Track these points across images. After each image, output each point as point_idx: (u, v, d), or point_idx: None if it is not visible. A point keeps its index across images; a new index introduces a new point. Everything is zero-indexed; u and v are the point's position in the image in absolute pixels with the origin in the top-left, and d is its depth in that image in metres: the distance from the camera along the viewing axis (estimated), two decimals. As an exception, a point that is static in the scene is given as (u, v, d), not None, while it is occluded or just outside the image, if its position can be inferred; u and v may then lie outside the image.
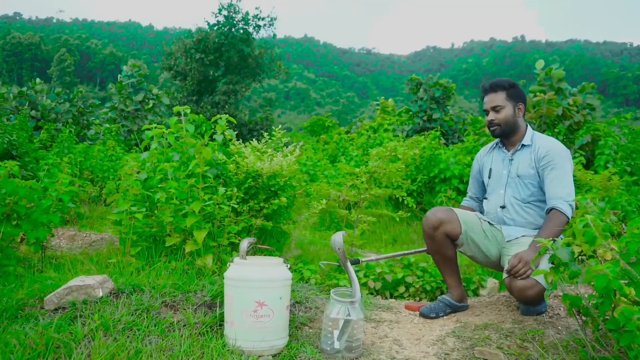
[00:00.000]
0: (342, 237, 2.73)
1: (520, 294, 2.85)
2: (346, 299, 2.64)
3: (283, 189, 4.49)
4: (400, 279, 4.25)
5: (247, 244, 2.79)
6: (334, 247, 2.74)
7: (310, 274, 4.13)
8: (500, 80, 3.34)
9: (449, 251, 3.29)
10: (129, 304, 2.77)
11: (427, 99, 14.48)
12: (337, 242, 2.72)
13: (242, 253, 2.73)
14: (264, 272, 2.61)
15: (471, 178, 3.64)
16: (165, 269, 3.42)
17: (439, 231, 3.21)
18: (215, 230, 3.81)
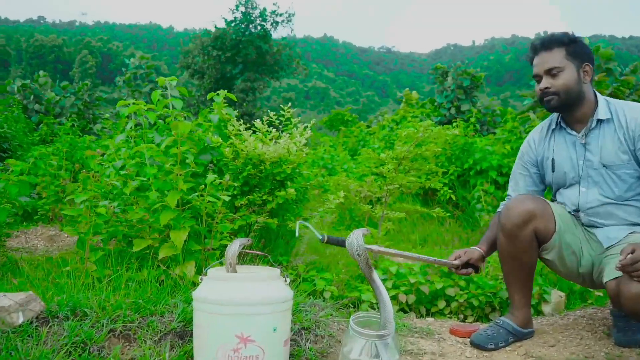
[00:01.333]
0: (362, 236, 1.84)
1: (635, 304, 1.94)
2: (373, 332, 1.76)
3: (291, 178, 3.62)
4: (439, 290, 3.35)
5: (239, 245, 1.93)
6: (351, 251, 1.85)
7: (325, 285, 3.25)
8: (557, 34, 2.41)
9: (532, 257, 2.38)
10: (60, 334, 1.93)
11: (454, 88, 13.49)
12: (356, 244, 1.82)
13: (230, 259, 1.87)
14: (251, 291, 1.75)
15: (516, 173, 2.68)
16: (132, 280, 2.57)
17: (527, 228, 2.30)
18: (203, 229, 2.96)
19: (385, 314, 1.80)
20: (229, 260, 1.89)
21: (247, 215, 3.42)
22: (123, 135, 3.56)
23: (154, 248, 2.81)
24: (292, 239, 3.81)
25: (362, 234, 1.83)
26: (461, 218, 6.54)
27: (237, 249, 1.90)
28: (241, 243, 1.91)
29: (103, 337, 1.97)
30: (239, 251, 1.92)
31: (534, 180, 2.63)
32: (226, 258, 1.90)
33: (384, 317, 1.80)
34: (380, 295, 1.82)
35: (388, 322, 1.79)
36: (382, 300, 1.81)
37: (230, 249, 1.90)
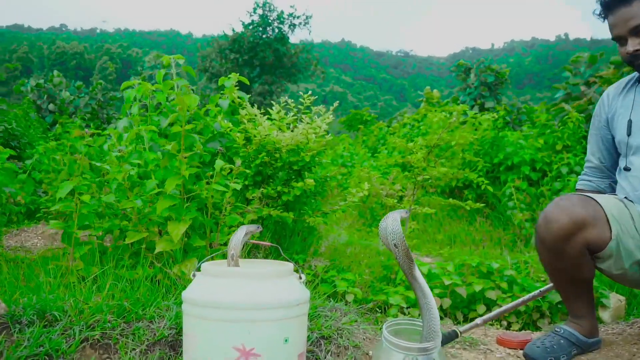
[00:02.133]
0: (399, 220, 1.43)
1: None
2: (414, 345, 1.35)
3: (309, 168, 3.22)
4: (478, 293, 2.92)
5: (245, 233, 1.55)
6: (386, 240, 1.43)
7: (347, 287, 2.84)
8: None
9: (585, 272, 1.94)
10: (21, 343, 1.55)
11: (477, 85, 12.99)
12: (392, 231, 1.41)
13: (232, 249, 1.49)
14: (255, 290, 1.35)
15: (592, 137, 2.26)
16: (122, 280, 2.19)
17: (575, 241, 1.84)
18: (209, 221, 2.58)
19: (429, 321, 1.39)
20: (231, 251, 1.50)
21: (259, 209, 3.03)
22: (126, 120, 3.21)
23: (150, 242, 2.43)
24: (309, 236, 3.41)
25: (400, 216, 1.42)
26: (491, 216, 6.07)
27: (242, 237, 1.51)
28: (248, 230, 1.52)
29: (74, 347, 1.59)
30: (245, 240, 1.53)
31: (607, 146, 2.20)
32: (228, 248, 1.51)
33: (427, 325, 1.39)
34: (423, 297, 1.41)
35: (433, 332, 1.38)
36: (426, 304, 1.40)
37: (233, 237, 1.52)
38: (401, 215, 1.42)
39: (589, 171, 2.29)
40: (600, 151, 2.22)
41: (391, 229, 1.39)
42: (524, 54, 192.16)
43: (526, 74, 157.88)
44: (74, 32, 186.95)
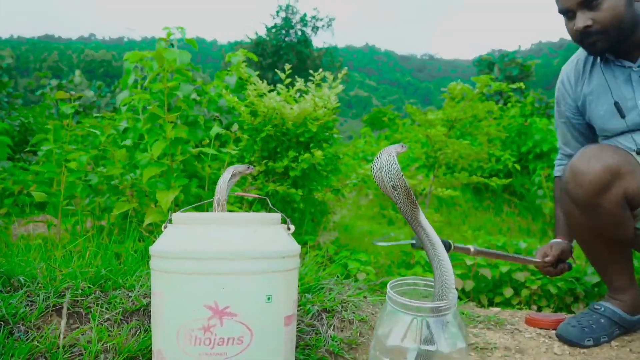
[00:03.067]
0: (394, 155, 1.18)
1: None
2: (424, 303, 1.11)
3: (317, 140, 3.00)
4: (504, 275, 2.65)
5: (232, 174, 1.34)
6: (382, 181, 1.18)
7: (359, 267, 2.60)
8: None
9: (626, 231, 1.65)
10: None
11: (502, 79, 12.61)
12: (388, 168, 1.14)
13: (219, 194, 1.28)
14: (231, 237, 1.13)
15: (560, 126, 1.98)
16: (111, 252, 2.00)
17: (612, 192, 1.57)
18: (206, 194, 2.37)
19: (441, 276, 1.14)
20: (217, 196, 1.29)
21: (264, 184, 2.82)
22: (126, 92, 3.04)
23: (142, 215, 2.24)
24: (320, 216, 3.18)
25: (396, 152, 1.18)
26: (519, 206, 5.75)
27: (229, 179, 1.30)
28: (236, 171, 1.31)
29: (37, 314, 1.40)
30: (233, 182, 1.32)
31: (581, 131, 1.93)
32: (216, 192, 1.31)
33: (439, 281, 1.15)
34: (432, 248, 1.17)
35: (446, 288, 1.14)
36: (435, 256, 1.16)
37: (221, 178, 1.30)
38: (397, 150, 1.18)
39: (565, 157, 2.02)
40: (575, 138, 1.94)
41: (387, 167, 1.15)
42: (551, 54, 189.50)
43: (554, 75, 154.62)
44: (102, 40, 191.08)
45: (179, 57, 2.29)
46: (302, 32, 34.16)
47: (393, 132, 13.92)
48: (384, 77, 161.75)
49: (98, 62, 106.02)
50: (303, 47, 33.49)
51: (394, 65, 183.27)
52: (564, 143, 2.00)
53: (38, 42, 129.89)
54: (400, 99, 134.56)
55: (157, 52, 2.22)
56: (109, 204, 2.63)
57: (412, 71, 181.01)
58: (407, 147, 1.22)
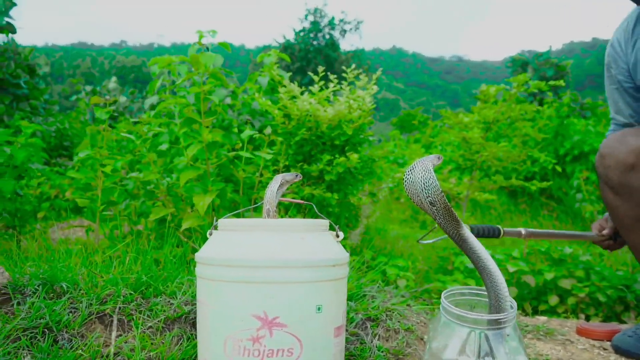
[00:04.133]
0: (431, 168, 1.11)
1: None
2: (482, 315, 1.06)
3: (353, 145, 2.95)
4: (549, 282, 2.55)
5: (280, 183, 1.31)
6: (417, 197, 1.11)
7: (398, 273, 2.54)
8: None
9: None
10: (20, 312, 1.35)
11: (536, 79, 12.35)
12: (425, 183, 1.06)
13: (268, 204, 1.25)
14: (279, 245, 1.09)
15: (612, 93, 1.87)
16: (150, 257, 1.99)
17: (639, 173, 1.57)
18: (242, 199, 2.35)
19: (493, 288, 1.08)
20: (267, 206, 1.26)
21: (300, 189, 2.78)
22: (155, 97, 3.05)
23: (179, 220, 2.23)
24: (355, 221, 3.13)
25: (432, 164, 1.12)
26: (557, 209, 5.60)
27: (277, 188, 1.27)
28: (284, 180, 1.27)
29: (80, 320, 1.38)
30: (282, 192, 1.28)
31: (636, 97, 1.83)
32: (263, 203, 1.27)
33: (492, 294, 1.09)
34: (478, 261, 1.10)
35: (502, 300, 1.07)
36: (483, 268, 1.10)
37: (269, 188, 1.27)
38: (433, 162, 1.12)
39: (618, 127, 1.91)
40: (627, 105, 1.84)
41: (422, 182, 1.08)
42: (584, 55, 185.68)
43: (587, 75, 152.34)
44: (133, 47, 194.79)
45: (214, 55, 2.27)
46: (330, 36, 34.18)
47: (422, 134, 13.78)
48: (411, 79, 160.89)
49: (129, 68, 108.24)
50: (331, 50, 33.49)
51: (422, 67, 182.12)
52: (616, 112, 1.90)
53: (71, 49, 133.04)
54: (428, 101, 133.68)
55: (193, 56, 2.20)
56: (145, 208, 2.63)
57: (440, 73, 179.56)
58: (443, 159, 1.15)
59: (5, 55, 6.34)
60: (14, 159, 2.56)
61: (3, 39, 6.68)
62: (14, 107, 6.62)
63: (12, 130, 2.64)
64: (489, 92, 9.86)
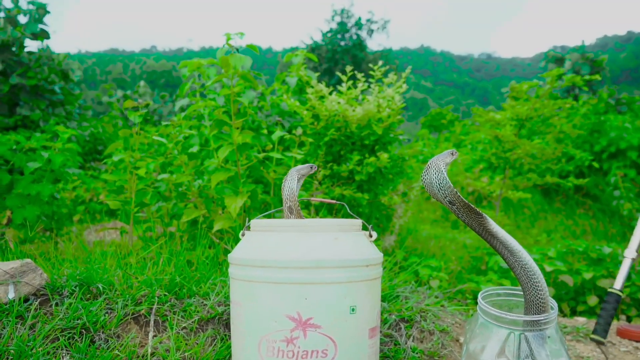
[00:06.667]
0: (443, 169, 1.08)
1: None
2: (522, 316, 1.03)
3: (383, 144, 2.93)
4: (588, 282, 2.48)
5: (297, 178, 1.30)
6: (436, 197, 1.10)
7: (431, 273, 2.51)
8: None
9: None
10: (58, 313, 1.38)
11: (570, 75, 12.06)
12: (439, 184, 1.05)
13: (289, 201, 1.25)
14: (313, 245, 1.08)
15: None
16: (183, 259, 2.01)
17: None
18: (273, 199, 2.35)
19: (530, 285, 1.05)
20: (287, 203, 1.25)
21: (330, 189, 2.77)
22: (186, 99, 3.08)
23: (211, 222, 2.24)
24: (385, 221, 3.10)
25: (445, 163, 1.10)
26: (594, 208, 5.45)
27: (296, 183, 1.25)
28: (300, 174, 1.26)
29: (117, 320, 1.40)
30: (299, 186, 1.27)
31: None
32: (283, 201, 1.26)
33: (528, 291, 1.05)
34: (511, 255, 1.07)
35: (541, 299, 1.04)
36: (517, 263, 1.06)
37: (286, 185, 1.26)
38: (445, 161, 1.10)
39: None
40: None
41: (437, 183, 1.07)
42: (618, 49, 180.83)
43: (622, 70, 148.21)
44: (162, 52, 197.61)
45: (244, 57, 2.28)
46: (357, 36, 34.10)
47: (452, 133, 13.62)
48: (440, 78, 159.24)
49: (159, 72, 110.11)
50: (358, 50, 33.38)
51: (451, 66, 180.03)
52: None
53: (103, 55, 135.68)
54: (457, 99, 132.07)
55: (222, 58, 2.21)
56: (177, 210, 2.66)
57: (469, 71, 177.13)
58: (457, 154, 1.14)
59: (39, 62, 6.49)
60: (51, 164, 2.62)
61: (38, 46, 6.84)
62: (49, 113, 6.78)
63: (49, 136, 2.70)
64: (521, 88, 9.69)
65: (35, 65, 6.25)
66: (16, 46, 6.24)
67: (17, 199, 2.65)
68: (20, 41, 6.11)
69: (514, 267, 1.07)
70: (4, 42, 5.85)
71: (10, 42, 6.16)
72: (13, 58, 6.02)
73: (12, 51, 6.01)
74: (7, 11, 6.37)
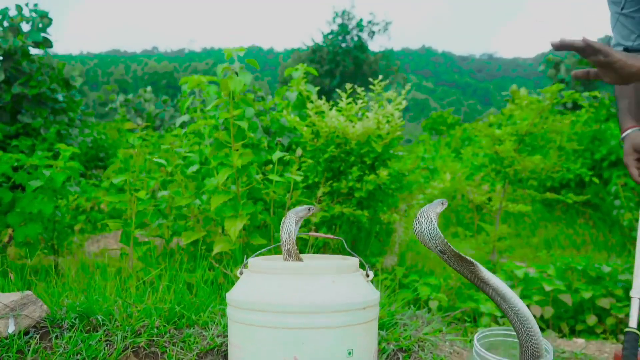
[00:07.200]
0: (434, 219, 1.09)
1: None
2: (517, 363, 1.04)
3: (383, 161, 2.94)
4: (587, 302, 2.49)
5: (296, 220, 1.30)
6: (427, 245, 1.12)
7: (430, 293, 2.52)
8: None
9: None
10: (58, 348, 1.39)
11: (569, 80, 12.09)
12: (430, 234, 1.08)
13: (287, 244, 1.25)
14: (308, 289, 1.09)
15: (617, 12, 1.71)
16: (182, 282, 2.02)
17: None
18: (273, 220, 2.36)
19: (523, 332, 1.06)
20: (286, 246, 1.26)
21: (330, 206, 2.79)
22: (186, 116, 3.09)
23: (210, 243, 2.25)
24: (387, 237, 3.11)
25: (435, 213, 1.11)
26: (594, 217, 5.46)
27: (295, 226, 1.26)
28: (298, 216, 1.27)
29: (116, 355, 1.41)
30: (297, 228, 1.28)
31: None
32: (282, 243, 1.27)
33: (522, 337, 1.06)
34: (503, 302, 1.08)
35: (532, 343, 1.05)
36: (510, 309, 1.07)
37: (283, 227, 1.27)
38: (436, 211, 1.11)
39: None
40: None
41: (428, 232, 1.09)
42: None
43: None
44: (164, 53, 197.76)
45: (242, 80, 2.29)
46: (358, 38, 34.13)
47: (452, 137, 13.60)
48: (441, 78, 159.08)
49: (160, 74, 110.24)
50: (359, 52, 33.42)
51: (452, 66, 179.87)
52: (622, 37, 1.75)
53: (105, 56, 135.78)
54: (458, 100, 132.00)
55: (222, 82, 2.22)
56: (177, 227, 2.67)
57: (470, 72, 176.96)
58: (447, 203, 1.15)
59: (41, 70, 6.52)
60: (53, 182, 2.63)
61: (40, 54, 6.87)
62: (51, 120, 6.81)
63: (51, 154, 2.71)
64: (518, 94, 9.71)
65: (37, 74, 6.27)
66: (19, 55, 6.26)
67: (19, 217, 2.66)
68: (23, 50, 6.13)
69: (507, 313, 1.08)
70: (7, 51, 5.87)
71: (13, 51, 6.19)
72: (16, 67, 6.05)
73: (15, 60, 6.04)
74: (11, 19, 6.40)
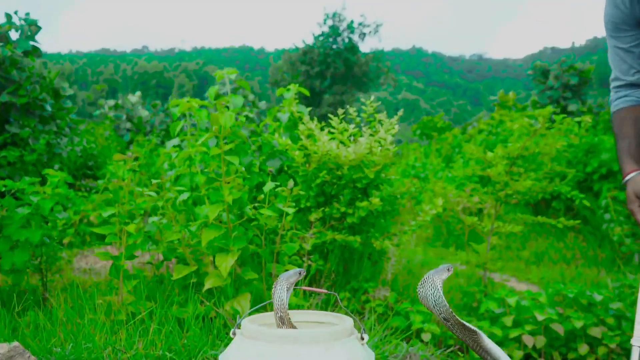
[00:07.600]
0: (439, 286, 1.10)
1: None
2: None
3: (375, 185, 2.93)
4: (579, 330, 2.50)
5: (287, 287, 1.27)
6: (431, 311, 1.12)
7: (422, 322, 2.51)
8: None
9: None
10: (43, 407, 1.36)
11: (559, 87, 12.17)
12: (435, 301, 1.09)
13: (280, 311, 1.23)
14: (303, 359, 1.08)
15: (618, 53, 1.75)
16: (174, 318, 1.99)
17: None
18: (264, 252, 2.34)
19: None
20: (279, 314, 1.23)
21: (322, 232, 2.77)
22: (176, 139, 3.07)
23: (202, 276, 2.23)
24: (379, 260, 3.10)
25: (441, 280, 1.11)
26: (584, 231, 5.49)
27: (287, 294, 1.24)
28: (289, 282, 1.25)
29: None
30: (289, 294, 1.26)
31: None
32: (275, 310, 1.25)
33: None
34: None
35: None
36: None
37: (276, 295, 1.25)
38: (442, 278, 1.11)
39: (622, 89, 1.77)
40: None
41: (433, 300, 1.09)
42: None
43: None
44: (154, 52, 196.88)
45: (233, 115, 2.27)
46: (349, 39, 34.15)
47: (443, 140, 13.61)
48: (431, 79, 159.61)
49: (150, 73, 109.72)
50: (350, 54, 33.45)
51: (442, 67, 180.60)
52: (621, 72, 1.76)
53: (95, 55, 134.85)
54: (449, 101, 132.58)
55: (213, 116, 2.20)
56: (167, 254, 2.64)
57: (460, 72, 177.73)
58: (453, 269, 1.15)
59: (30, 79, 6.46)
60: (40, 209, 2.59)
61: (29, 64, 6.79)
62: (39, 129, 6.74)
63: (38, 180, 2.68)
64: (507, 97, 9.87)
65: (26, 83, 6.21)
66: (7, 63, 6.19)
67: (6, 243, 2.62)
68: (11, 59, 6.06)
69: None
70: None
71: (1, 60, 6.11)
72: (5, 75, 5.98)
73: (3, 68, 5.97)
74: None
